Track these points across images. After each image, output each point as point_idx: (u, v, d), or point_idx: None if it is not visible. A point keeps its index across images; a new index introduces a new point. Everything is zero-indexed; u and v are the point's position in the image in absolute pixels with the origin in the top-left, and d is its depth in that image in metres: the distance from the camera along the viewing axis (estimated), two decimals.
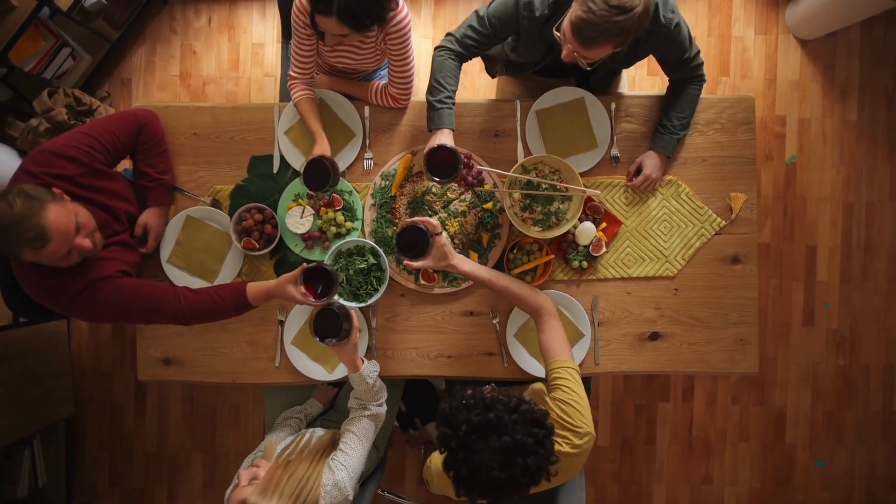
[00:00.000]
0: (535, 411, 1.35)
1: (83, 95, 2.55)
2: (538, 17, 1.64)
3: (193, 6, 2.87)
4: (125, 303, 1.68)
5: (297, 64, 1.86)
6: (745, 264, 1.95)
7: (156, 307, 1.70)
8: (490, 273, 1.72)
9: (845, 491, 2.80)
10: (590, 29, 1.45)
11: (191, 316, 1.73)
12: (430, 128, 1.77)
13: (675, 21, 1.65)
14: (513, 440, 1.28)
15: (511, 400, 1.35)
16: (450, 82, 1.76)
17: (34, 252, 1.48)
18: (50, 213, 1.47)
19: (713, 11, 2.84)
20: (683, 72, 1.82)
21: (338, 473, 1.54)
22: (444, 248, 1.61)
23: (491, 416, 1.30)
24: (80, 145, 1.66)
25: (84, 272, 1.64)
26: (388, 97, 1.92)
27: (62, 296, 1.64)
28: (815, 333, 2.79)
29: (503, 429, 1.29)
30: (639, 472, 2.80)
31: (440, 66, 1.77)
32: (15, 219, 1.44)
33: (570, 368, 1.57)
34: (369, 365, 1.69)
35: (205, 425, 2.81)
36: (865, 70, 2.80)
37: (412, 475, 2.78)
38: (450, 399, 1.39)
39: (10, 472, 2.49)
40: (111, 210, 1.74)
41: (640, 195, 1.95)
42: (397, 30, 1.75)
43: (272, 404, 2.07)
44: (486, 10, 1.70)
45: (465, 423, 1.31)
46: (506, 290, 1.71)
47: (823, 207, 2.80)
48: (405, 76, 1.87)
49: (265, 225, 1.90)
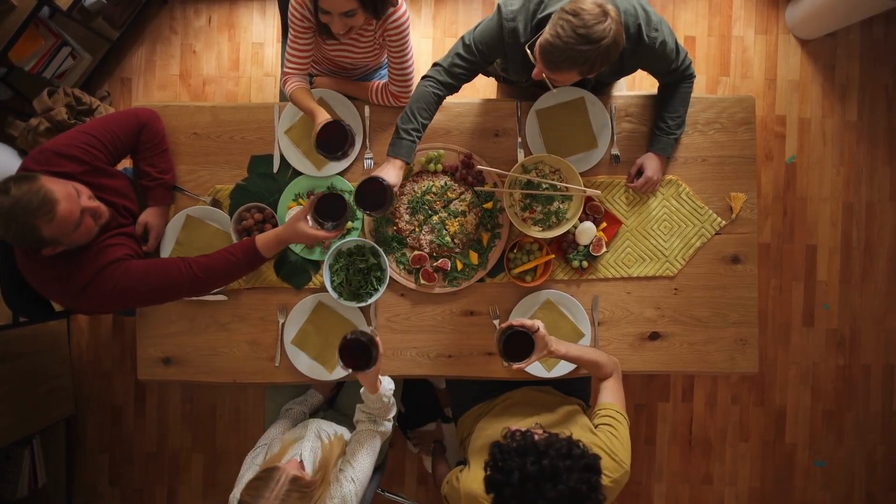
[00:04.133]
0: (587, 456, 1.33)
1: (83, 95, 2.55)
2: (522, 42, 1.63)
3: (193, 6, 2.87)
4: (137, 283, 1.66)
5: (293, 60, 1.84)
6: (746, 264, 1.95)
7: (168, 281, 1.67)
8: (579, 350, 1.72)
9: (845, 491, 2.80)
10: (555, 53, 1.46)
11: (207, 279, 1.69)
12: (389, 153, 1.71)
13: (660, 39, 1.64)
14: (568, 489, 1.26)
15: (562, 444, 1.33)
16: (423, 115, 1.71)
17: (49, 220, 1.48)
18: (45, 181, 1.50)
19: (713, 11, 2.84)
20: (673, 76, 1.82)
21: (346, 486, 1.54)
22: (545, 339, 1.58)
23: (545, 462, 1.28)
24: (81, 144, 1.66)
25: (93, 258, 1.64)
26: (389, 95, 1.92)
27: (73, 284, 1.63)
28: (815, 333, 2.79)
29: (558, 477, 1.27)
30: (639, 472, 2.80)
31: (420, 97, 1.72)
32: (16, 198, 1.45)
33: (624, 417, 1.65)
34: (387, 383, 1.68)
35: (205, 425, 2.81)
36: (865, 70, 2.80)
37: (412, 475, 2.78)
38: (498, 442, 1.37)
39: (10, 472, 2.49)
40: (114, 206, 1.74)
41: (640, 195, 1.95)
42: (396, 27, 1.76)
43: (272, 404, 2.07)
44: (472, 36, 1.69)
45: (518, 470, 1.28)
46: (591, 362, 1.72)
47: (823, 207, 2.80)
48: (404, 74, 1.87)
49: (265, 224, 1.90)
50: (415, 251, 1.92)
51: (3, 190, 1.46)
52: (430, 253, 1.92)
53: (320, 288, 1.94)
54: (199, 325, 1.95)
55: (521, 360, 1.55)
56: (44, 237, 1.51)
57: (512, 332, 1.54)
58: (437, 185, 1.90)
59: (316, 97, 1.93)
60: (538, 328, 1.55)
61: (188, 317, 1.95)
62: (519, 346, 1.55)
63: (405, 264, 1.93)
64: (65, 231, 1.53)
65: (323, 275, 1.87)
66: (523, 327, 1.54)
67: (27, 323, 2.46)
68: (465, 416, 1.98)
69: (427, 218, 1.90)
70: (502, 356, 1.56)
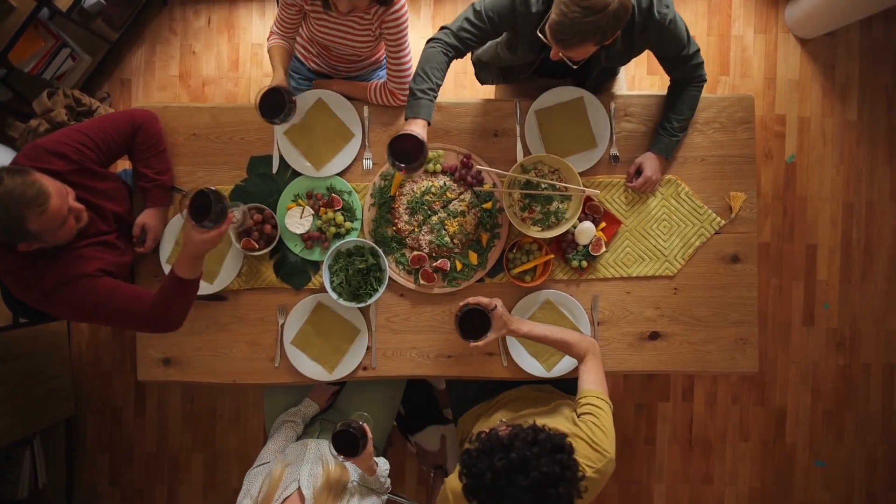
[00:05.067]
0: (553, 437, 1.34)
1: (83, 96, 2.55)
2: (534, 13, 1.64)
3: (193, 6, 2.87)
4: (101, 303, 1.65)
5: (279, 25, 1.90)
6: (745, 264, 1.94)
7: (127, 310, 1.66)
8: (545, 329, 1.73)
9: (845, 491, 2.80)
10: (564, 31, 1.45)
11: (156, 314, 1.67)
12: (407, 116, 1.70)
13: (670, 16, 1.64)
14: (540, 474, 1.27)
15: (527, 432, 1.34)
16: (436, 75, 1.71)
17: (39, 213, 1.48)
18: (37, 175, 1.51)
19: (713, 11, 2.83)
20: (683, 70, 1.81)
21: None
22: (503, 317, 1.62)
23: (513, 455, 1.28)
24: (72, 143, 1.67)
25: (63, 266, 1.63)
26: (388, 93, 1.92)
27: (37, 289, 1.63)
28: (815, 333, 2.79)
29: (528, 465, 1.28)
30: (639, 472, 2.80)
31: (429, 58, 1.72)
32: (9, 188, 1.45)
33: (606, 402, 1.61)
34: (382, 465, 1.73)
35: (205, 425, 2.81)
36: (865, 69, 2.80)
37: (412, 475, 2.78)
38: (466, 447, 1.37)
39: (10, 472, 2.49)
40: (98, 210, 1.73)
41: (639, 195, 1.95)
42: (394, 19, 1.77)
43: (271, 404, 2.07)
44: (483, 3, 1.69)
45: (488, 470, 1.29)
46: (560, 341, 1.72)
47: (823, 207, 2.80)
48: (402, 70, 1.87)
49: (265, 225, 1.90)
50: (414, 251, 1.92)
51: None
52: (430, 253, 1.92)
53: (320, 288, 1.94)
54: (198, 325, 1.95)
55: (479, 339, 1.59)
56: (28, 230, 1.50)
57: (468, 310, 1.58)
58: (436, 186, 1.90)
59: (316, 97, 1.94)
60: (495, 306, 1.59)
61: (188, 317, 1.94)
62: (477, 324, 1.59)
63: (404, 264, 1.93)
64: (50, 227, 1.53)
65: (322, 275, 1.87)
66: (479, 305, 1.58)
67: (27, 323, 2.47)
68: (465, 416, 1.98)
69: (426, 218, 1.90)
70: (460, 333, 1.60)
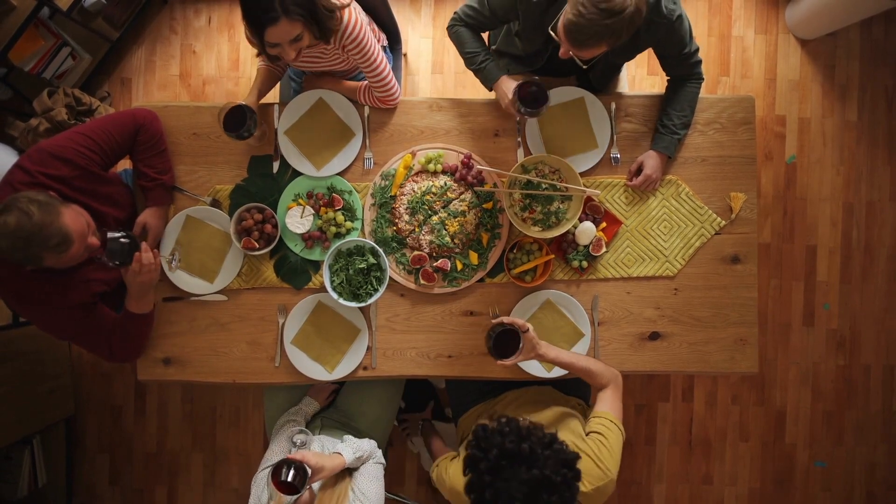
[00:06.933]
0: (567, 452, 1.33)
1: (83, 95, 2.55)
2: (535, 4, 1.64)
3: (193, 6, 2.87)
4: (69, 333, 1.76)
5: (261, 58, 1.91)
6: (745, 264, 1.94)
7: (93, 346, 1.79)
8: (571, 356, 1.72)
9: (845, 491, 2.80)
10: (580, 32, 1.46)
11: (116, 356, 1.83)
12: (489, 87, 1.86)
13: (678, 13, 1.65)
14: (542, 474, 1.26)
15: (546, 436, 1.34)
16: (477, 45, 1.84)
17: (58, 254, 1.48)
18: (66, 217, 1.48)
19: (713, 11, 2.84)
20: (682, 68, 1.82)
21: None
22: (533, 341, 1.62)
23: (524, 446, 1.29)
24: (76, 147, 1.66)
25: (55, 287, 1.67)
26: (374, 99, 1.93)
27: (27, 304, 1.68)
28: (815, 333, 2.79)
29: (534, 461, 1.28)
30: (639, 472, 2.80)
31: (460, 39, 1.84)
32: (36, 227, 1.43)
33: (619, 427, 1.61)
34: (349, 454, 1.65)
35: (205, 425, 2.81)
36: (865, 70, 2.80)
37: (412, 475, 2.78)
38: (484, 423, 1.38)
39: (10, 472, 2.49)
40: (100, 216, 1.73)
41: (639, 195, 1.95)
42: (352, 40, 1.72)
43: (271, 404, 2.07)
44: None
45: (497, 447, 1.29)
46: (584, 370, 1.71)
47: (823, 207, 2.80)
48: (380, 79, 1.85)
49: (265, 225, 1.90)
50: (414, 251, 1.92)
51: (27, 212, 1.43)
52: (430, 253, 1.92)
53: (320, 288, 1.94)
54: (198, 325, 1.95)
55: (507, 357, 1.60)
56: (42, 265, 1.51)
57: (503, 330, 1.59)
58: (436, 186, 1.90)
59: (316, 97, 1.94)
60: (528, 329, 1.59)
61: (188, 317, 1.95)
62: (507, 343, 1.60)
63: (405, 264, 1.93)
64: (63, 264, 1.54)
65: (323, 275, 1.87)
66: (514, 325, 1.58)
67: (28, 323, 2.47)
68: (466, 416, 1.98)
69: (427, 218, 1.90)
70: (491, 351, 1.61)
